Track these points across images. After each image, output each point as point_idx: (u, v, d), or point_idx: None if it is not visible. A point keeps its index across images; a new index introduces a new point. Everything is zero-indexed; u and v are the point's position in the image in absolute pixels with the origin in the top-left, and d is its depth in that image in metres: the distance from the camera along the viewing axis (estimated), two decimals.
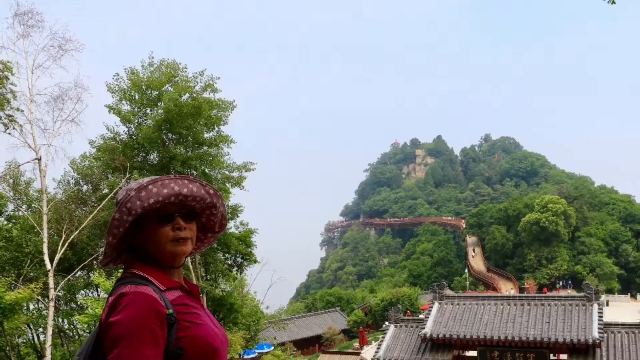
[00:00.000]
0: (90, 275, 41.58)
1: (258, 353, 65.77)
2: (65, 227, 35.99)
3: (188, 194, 3.66)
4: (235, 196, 49.79)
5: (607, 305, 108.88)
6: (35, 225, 35.72)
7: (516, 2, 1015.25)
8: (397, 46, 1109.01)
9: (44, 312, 36.34)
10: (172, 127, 41.68)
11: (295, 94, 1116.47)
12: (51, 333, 31.01)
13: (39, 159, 32.18)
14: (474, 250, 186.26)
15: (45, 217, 32.37)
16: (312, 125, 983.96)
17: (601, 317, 40.23)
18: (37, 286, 31.32)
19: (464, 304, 44.67)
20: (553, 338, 39.27)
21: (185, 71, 43.13)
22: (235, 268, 50.96)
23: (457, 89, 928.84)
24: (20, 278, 35.48)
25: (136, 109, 43.25)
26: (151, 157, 43.83)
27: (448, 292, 47.09)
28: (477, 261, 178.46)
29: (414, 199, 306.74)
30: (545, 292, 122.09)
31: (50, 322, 30.93)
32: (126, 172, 39.84)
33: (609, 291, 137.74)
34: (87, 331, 36.48)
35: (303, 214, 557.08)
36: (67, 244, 34.29)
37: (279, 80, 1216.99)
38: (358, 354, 66.44)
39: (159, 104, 42.17)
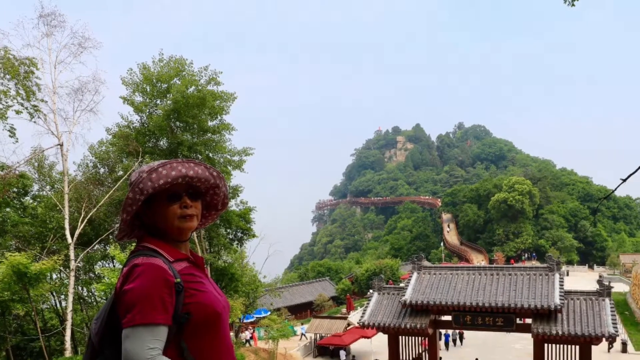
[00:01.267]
0: (107, 248, 41.59)
1: (256, 317, 65.91)
2: (84, 205, 36.05)
3: (194, 176, 3.71)
4: (236, 178, 49.80)
5: (568, 275, 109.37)
6: (58, 203, 35.86)
7: (489, 4, 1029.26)
8: (382, 44, 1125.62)
9: (65, 281, 36.36)
10: (179, 116, 41.70)
11: (290, 90, 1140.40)
12: (72, 300, 31.12)
13: (61, 145, 32.28)
14: (448, 226, 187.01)
15: (66, 197, 32.45)
16: (305, 117, 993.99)
17: (562, 285, 40.37)
18: (59, 258, 31.38)
19: (440, 274, 44.77)
20: (519, 304, 39.39)
21: (192, 66, 43.16)
22: (236, 242, 51.05)
23: (434, 82, 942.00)
24: (45, 251, 35.52)
25: (147, 100, 43.25)
26: (161, 142, 43.84)
27: (425, 263, 47.05)
28: (451, 236, 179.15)
29: (395, 180, 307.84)
30: (512, 263, 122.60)
31: (71, 290, 31.02)
32: (139, 156, 39.90)
33: (569, 262, 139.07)
34: (104, 298, 36.51)
35: (297, 194, 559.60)
36: (86, 221, 34.37)
37: (275, 77, 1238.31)
38: (345, 318, 66.49)
39: (167, 95, 42.18)
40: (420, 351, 46.59)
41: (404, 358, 45.88)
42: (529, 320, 41.09)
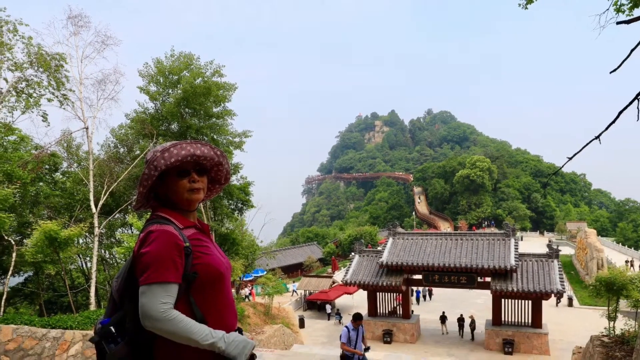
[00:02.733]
0: (126, 217, 41.73)
1: (254, 276, 66.02)
2: (106, 180, 36.09)
3: (200, 155, 3.77)
4: (237, 156, 49.71)
5: (522, 240, 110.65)
6: (84, 178, 35.87)
7: (451, 7, 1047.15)
8: (364, 42, 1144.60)
9: (90, 245, 36.35)
10: (188, 103, 41.71)
11: (284, 82, 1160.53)
12: (96, 261, 31.14)
13: (87, 128, 32.28)
14: (419, 198, 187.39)
15: (91, 173, 32.45)
16: (296, 105, 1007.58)
17: (517, 249, 40.65)
18: (85, 225, 31.40)
19: (412, 239, 44.92)
20: (480, 265, 39.63)
21: (199, 60, 43.12)
22: (237, 211, 51.04)
23: (408, 74, 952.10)
24: (72, 219, 35.55)
25: (161, 90, 43.20)
26: (172, 126, 43.75)
27: (399, 230, 47.13)
28: (421, 206, 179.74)
29: (373, 158, 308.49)
30: (474, 230, 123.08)
31: (95, 252, 31.03)
32: (153, 138, 39.99)
33: (523, 229, 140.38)
34: (124, 260, 36.56)
35: (289, 170, 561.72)
36: (108, 193, 34.39)
37: (271, 71, 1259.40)
38: (331, 277, 66.78)
39: (178, 85, 42.13)
40: (395, 305, 46.92)
41: (381, 311, 46.20)
42: (488, 279, 41.37)
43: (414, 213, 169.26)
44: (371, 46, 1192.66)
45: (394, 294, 46.81)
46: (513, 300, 41.46)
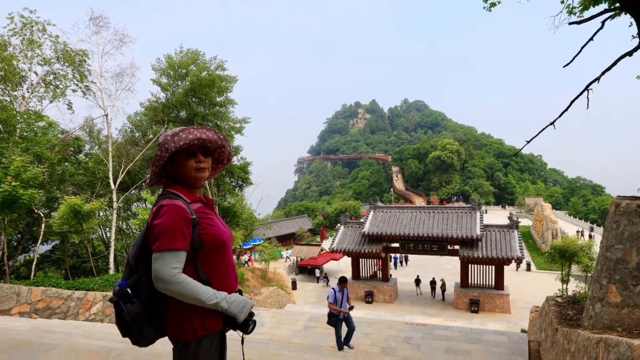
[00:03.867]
0: (140, 192, 41.75)
1: (253, 244, 66.06)
2: (123, 160, 36.18)
3: (206, 138, 3.83)
4: (238, 140, 49.64)
5: (486, 213, 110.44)
6: (104, 159, 35.97)
7: (428, 8, 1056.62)
8: (349, 41, 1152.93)
9: (109, 218, 36.40)
10: (195, 93, 41.74)
11: (279, 75, 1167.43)
12: (114, 231, 31.21)
13: (106, 115, 32.42)
14: (397, 176, 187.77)
15: (110, 154, 32.54)
16: (290, 95, 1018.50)
17: (482, 220, 40.83)
18: (105, 200, 31.44)
19: (390, 212, 45.03)
20: (450, 234, 39.78)
21: (204, 56, 43.14)
22: (237, 188, 51.08)
23: (387, 68, 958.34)
24: (94, 195, 35.56)
25: (171, 82, 43.18)
26: (181, 113, 43.70)
27: (379, 204, 47.30)
28: (399, 183, 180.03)
29: (356, 141, 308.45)
30: (445, 204, 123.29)
31: (113, 224, 31.09)
32: (164, 124, 40.05)
33: (487, 203, 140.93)
34: (139, 230, 36.60)
35: (283, 152, 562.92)
36: (125, 172, 34.47)
37: (268, 65, 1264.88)
38: (319, 245, 66.96)
39: (186, 78, 42.13)
40: (376, 270, 47.07)
41: (364, 275, 46.33)
42: (457, 247, 41.50)
43: (392, 189, 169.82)
44: (357, 45, 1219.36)
45: (375, 260, 46.95)
46: (478, 266, 41.69)
